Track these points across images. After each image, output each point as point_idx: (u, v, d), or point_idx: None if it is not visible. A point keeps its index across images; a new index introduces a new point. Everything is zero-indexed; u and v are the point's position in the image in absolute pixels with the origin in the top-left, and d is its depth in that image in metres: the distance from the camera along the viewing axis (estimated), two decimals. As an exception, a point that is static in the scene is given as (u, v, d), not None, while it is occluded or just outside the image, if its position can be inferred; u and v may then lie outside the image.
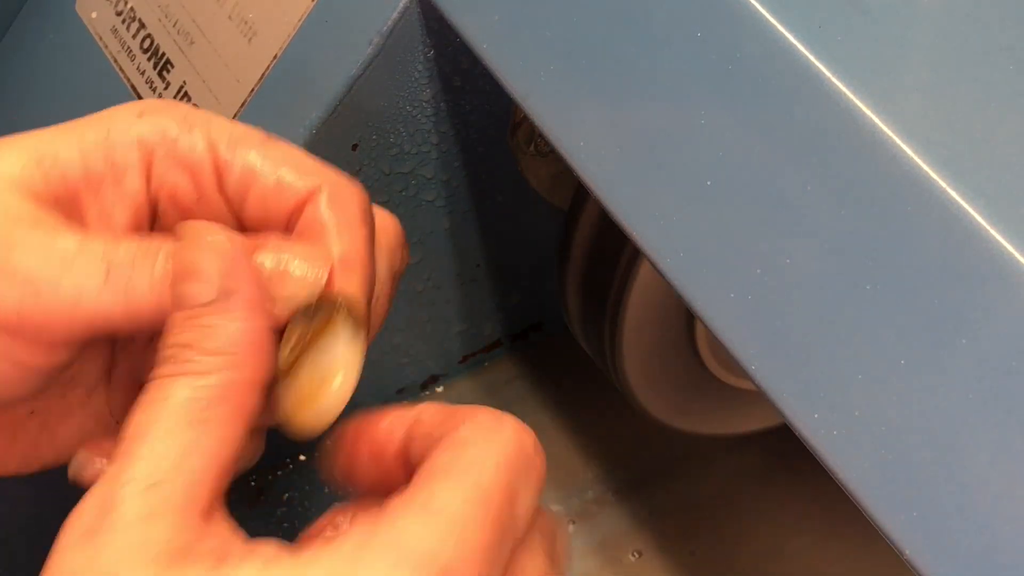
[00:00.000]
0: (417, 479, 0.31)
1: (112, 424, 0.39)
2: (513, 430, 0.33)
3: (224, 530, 0.31)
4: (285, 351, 0.35)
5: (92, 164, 0.36)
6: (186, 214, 0.37)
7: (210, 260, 0.33)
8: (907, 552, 0.30)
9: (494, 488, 0.31)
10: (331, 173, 0.36)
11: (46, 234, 0.34)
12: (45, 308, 0.33)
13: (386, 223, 0.39)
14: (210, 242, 0.34)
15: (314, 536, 0.33)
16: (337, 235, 0.35)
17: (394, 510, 0.30)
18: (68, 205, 0.36)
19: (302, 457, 0.62)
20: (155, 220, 0.37)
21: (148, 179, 0.37)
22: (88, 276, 0.33)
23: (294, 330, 0.35)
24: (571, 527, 0.60)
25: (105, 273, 0.33)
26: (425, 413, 0.34)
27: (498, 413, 0.33)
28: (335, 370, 0.35)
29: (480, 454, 0.31)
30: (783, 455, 0.61)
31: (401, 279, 0.40)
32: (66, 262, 0.33)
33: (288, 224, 0.36)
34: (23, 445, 0.38)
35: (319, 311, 0.35)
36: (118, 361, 0.39)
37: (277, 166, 0.36)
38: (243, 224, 0.37)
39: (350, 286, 0.35)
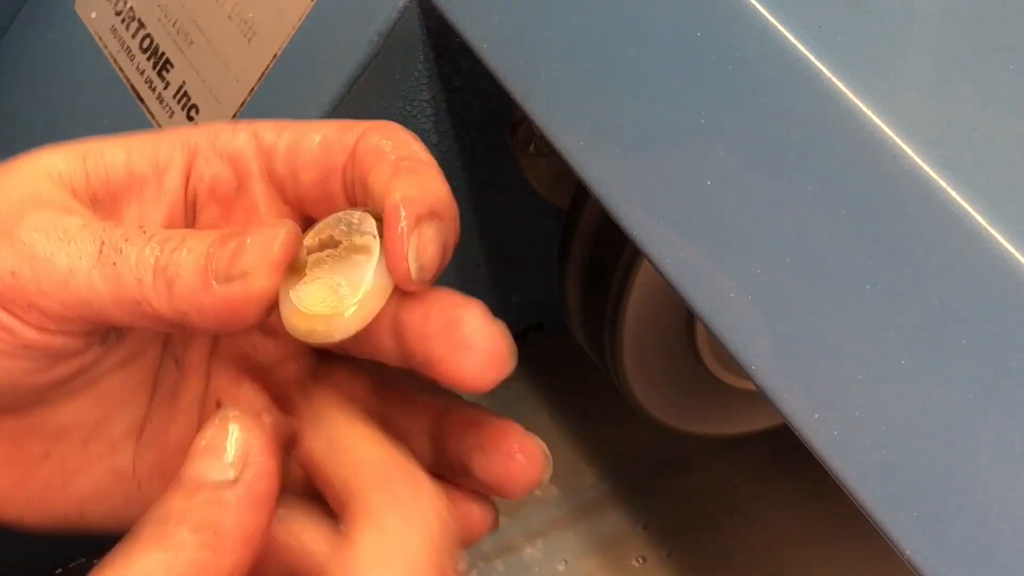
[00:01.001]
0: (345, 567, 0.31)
1: (133, 486, 0.38)
2: (428, 498, 0.33)
3: None
4: (307, 247, 0.34)
5: (137, 164, 0.36)
6: (225, 204, 0.37)
7: (228, 439, 0.32)
8: (907, 552, 0.30)
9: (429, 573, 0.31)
10: (371, 121, 0.36)
11: (59, 214, 0.34)
12: (37, 278, 0.33)
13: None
14: (233, 423, 0.33)
15: None
16: (395, 148, 0.35)
17: None
18: (108, 206, 0.36)
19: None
20: (195, 217, 0.37)
21: (188, 175, 0.37)
22: (82, 255, 0.33)
23: (331, 229, 0.34)
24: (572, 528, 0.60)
25: (97, 252, 0.33)
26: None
27: (412, 474, 0.33)
28: (351, 299, 0.33)
29: (406, 540, 0.32)
30: (783, 455, 0.61)
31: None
32: (66, 238, 0.34)
33: (344, 182, 0.36)
34: (34, 488, 0.37)
35: (367, 224, 0.33)
36: (152, 418, 0.38)
37: (319, 130, 0.36)
38: (303, 201, 0.37)
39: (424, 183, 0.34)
